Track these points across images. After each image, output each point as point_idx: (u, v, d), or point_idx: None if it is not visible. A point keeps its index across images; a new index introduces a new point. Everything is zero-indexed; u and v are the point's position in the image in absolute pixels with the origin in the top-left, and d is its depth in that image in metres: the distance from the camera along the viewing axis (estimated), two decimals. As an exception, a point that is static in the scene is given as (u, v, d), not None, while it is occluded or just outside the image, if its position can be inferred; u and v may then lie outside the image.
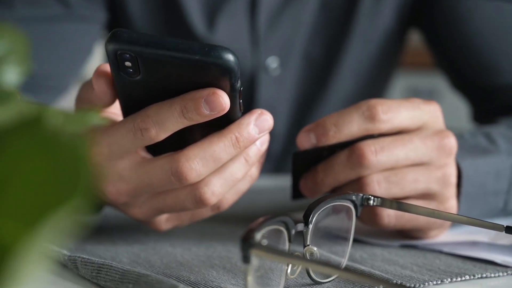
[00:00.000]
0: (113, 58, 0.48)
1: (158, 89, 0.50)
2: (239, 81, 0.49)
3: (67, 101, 0.89)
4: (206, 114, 0.49)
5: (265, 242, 0.40)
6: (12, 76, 0.30)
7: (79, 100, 0.56)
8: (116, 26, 0.97)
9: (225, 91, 0.49)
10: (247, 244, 0.39)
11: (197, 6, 0.93)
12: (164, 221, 0.57)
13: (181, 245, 0.59)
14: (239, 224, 0.67)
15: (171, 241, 0.60)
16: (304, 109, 1.02)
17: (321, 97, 1.01)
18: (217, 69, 0.47)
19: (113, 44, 0.47)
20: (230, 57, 0.47)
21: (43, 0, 0.89)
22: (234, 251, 0.57)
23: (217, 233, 0.63)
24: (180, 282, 0.47)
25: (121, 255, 0.55)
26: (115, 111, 0.54)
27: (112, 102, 0.52)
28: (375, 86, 1.05)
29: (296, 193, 0.62)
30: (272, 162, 1.02)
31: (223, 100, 0.48)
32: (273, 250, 0.40)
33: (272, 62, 0.97)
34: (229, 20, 0.94)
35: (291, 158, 0.60)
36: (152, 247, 0.58)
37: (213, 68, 0.47)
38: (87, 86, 0.54)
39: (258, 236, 0.40)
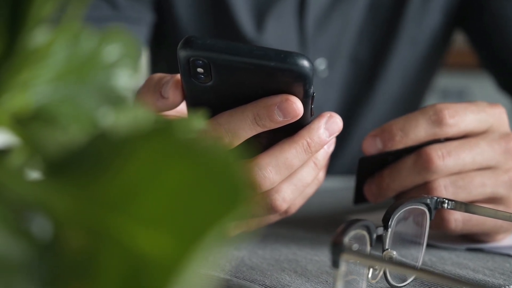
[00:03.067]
0: (185, 64, 0.48)
1: (228, 94, 0.49)
2: (312, 87, 0.49)
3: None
4: (279, 121, 0.48)
5: (356, 246, 0.40)
6: (126, 80, 0.30)
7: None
8: (164, 28, 0.97)
9: (298, 96, 0.48)
10: (338, 248, 0.39)
11: (245, 7, 0.93)
12: (233, 227, 0.57)
13: (246, 248, 0.59)
14: (298, 226, 0.66)
15: (238, 243, 0.60)
16: (351, 110, 1.01)
17: (368, 99, 1.01)
18: (291, 75, 0.47)
19: (187, 51, 0.47)
20: (305, 63, 0.46)
21: (92, 1, 0.89)
22: (299, 254, 0.57)
23: (279, 235, 0.63)
24: (261, 286, 0.47)
25: (189, 258, 0.55)
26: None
27: (176, 107, 0.52)
28: (420, 87, 1.05)
29: (359, 197, 0.61)
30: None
31: (297, 107, 0.48)
32: (364, 255, 0.40)
33: (320, 64, 0.97)
34: (277, 22, 0.93)
35: (357, 163, 0.60)
36: (224, 250, 0.58)
37: (287, 74, 0.47)
38: (150, 91, 0.53)
39: (346, 240, 0.40)
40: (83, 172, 0.25)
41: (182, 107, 0.53)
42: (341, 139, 1.02)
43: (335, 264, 0.39)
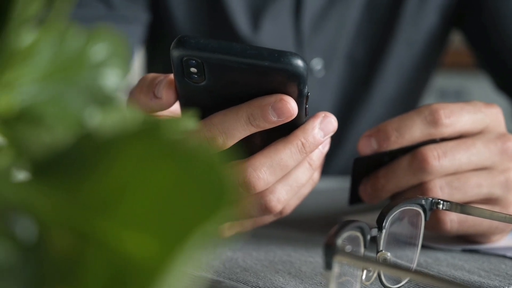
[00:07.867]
0: (178, 64, 0.47)
1: (222, 94, 0.49)
2: (306, 87, 0.48)
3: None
4: (273, 121, 0.48)
5: (349, 248, 0.39)
6: (113, 79, 0.30)
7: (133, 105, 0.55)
8: (159, 27, 0.97)
9: (292, 96, 0.48)
10: (330, 250, 0.38)
11: (241, 6, 0.93)
12: (226, 228, 0.57)
13: (240, 249, 0.58)
14: (293, 227, 0.66)
15: (229, 245, 0.59)
16: (347, 110, 1.01)
17: (364, 99, 1.00)
18: (286, 75, 0.46)
19: (180, 50, 0.46)
20: (300, 63, 0.46)
21: (87, 1, 0.89)
22: (294, 256, 0.56)
23: (273, 236, 0.63)
24: (254, 288, 0.46)
25: (182, 259, 0.54)
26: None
27: (170, 107, 0.52)
28: (416, 87, 1.04)
29: (354, 198, 0.61)
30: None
31: (291, 106, 0.48)
32: (357, 257, 0.39)
33: (317, 64, 0.96)
34: (273, 21, 0.93)
35: (352, 164, 0.59)
36: (212, 251, 0.57)
37: (282, 74, 0.46)
38: (143, 91, 0.52)
39: (339, 242, 0.39)
40: (69, 173, 0.25)
41: (176, 108, 0.53)
42: (337, 139, 1.02)
43: (328, 266, 0.39)
